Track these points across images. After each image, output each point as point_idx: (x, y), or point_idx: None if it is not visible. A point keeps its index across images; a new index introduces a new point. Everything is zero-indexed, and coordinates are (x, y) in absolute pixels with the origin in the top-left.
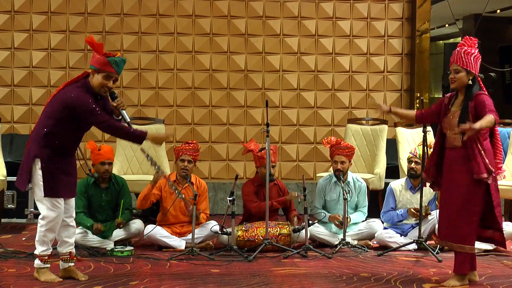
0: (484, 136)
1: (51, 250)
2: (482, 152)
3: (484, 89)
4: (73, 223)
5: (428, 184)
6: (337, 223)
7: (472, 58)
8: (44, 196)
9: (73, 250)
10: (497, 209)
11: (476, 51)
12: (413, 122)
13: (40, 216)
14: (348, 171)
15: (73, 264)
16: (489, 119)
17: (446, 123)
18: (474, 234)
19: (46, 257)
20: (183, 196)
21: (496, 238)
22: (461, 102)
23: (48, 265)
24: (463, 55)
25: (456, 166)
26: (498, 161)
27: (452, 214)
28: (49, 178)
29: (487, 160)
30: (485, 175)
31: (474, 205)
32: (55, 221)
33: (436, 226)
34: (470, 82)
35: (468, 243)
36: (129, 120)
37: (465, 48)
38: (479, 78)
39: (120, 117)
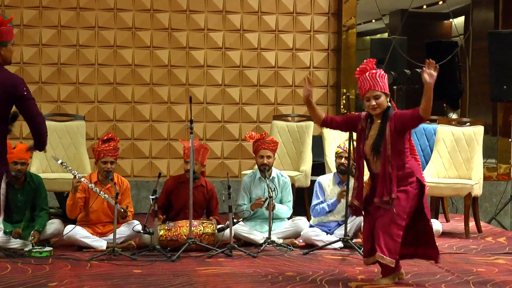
0: (403, 156)
1: None
2: (391, 176)
3: (395, 106)
4: None
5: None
6: (260, 202)
7: (385, 80)
8: None
9: None
10: (431, 227)
11: (382, 71)
12: (318, 123)
13: None
14: (272, 167)
15: None
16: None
17: (367, 149)
18: (398, 249)
19: None
20: (107, 196)
21: (429, 254)
22: (378, 126)
23: None
24: (378, 79)
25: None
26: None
27: (378, 229)
28: None
29: (394, 187)
30: (386, 199)
31: (401, 220)
32: None
33: (362, 224)
34: (388, 104)
35: (390, 256)
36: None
37: (375, 71)
38: (390, 98)
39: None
